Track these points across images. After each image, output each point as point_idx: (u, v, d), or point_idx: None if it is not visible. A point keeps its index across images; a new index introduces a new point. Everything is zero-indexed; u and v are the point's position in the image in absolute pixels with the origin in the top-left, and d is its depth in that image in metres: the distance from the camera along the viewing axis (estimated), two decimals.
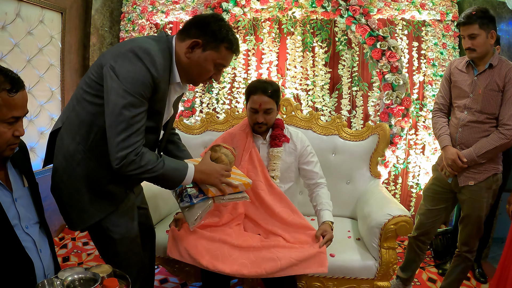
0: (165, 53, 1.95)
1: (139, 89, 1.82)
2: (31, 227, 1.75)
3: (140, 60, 1.82)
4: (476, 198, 2.82)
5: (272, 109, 2.71)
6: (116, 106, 1.80)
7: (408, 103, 3.98)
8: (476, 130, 2.77)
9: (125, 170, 1.87)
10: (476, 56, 2.73)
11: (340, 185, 3.42)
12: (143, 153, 1.88)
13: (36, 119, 3.94)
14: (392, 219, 2.59)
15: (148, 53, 1.84)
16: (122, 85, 1.80)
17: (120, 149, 1.82)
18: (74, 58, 4.50)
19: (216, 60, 1.99)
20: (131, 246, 2.19)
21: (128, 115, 1.81)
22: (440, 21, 4.30)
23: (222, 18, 2.04)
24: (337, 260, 2.67)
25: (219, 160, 2.24)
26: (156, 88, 1.90)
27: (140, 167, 1.88)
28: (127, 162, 1.84)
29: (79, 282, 1.62)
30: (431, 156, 4.35)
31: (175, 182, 2.04)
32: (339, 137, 3.42)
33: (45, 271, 1.77)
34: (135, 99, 1.82)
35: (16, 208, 1.70)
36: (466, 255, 2.94)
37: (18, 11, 3.63)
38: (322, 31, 4.35)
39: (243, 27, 4.46)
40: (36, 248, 1.74)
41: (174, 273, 2.96)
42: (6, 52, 3.55)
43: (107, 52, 1.97)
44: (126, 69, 1.82)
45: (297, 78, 4.48)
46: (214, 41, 1.95)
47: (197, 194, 2.17)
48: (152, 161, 1.91)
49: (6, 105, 1.56)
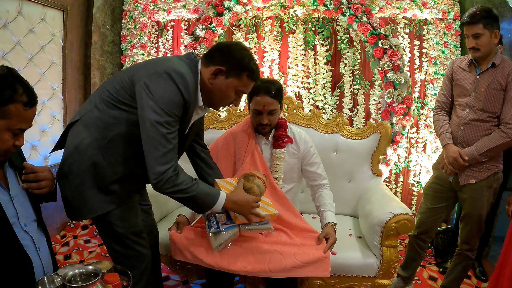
0: (195, 77, 2.04)
1: (174, 109, 1.91)
2: (29, 225, 1.76)
3: (175, 82, 1.91)
4: (477, 197, 2.83)
5: (276, 110, 2.69)
6: (153, 123, 1.88)
7: (409, 102, 3.98)
8: (478, 129, 2.77)
9: (161, 186, 1.95)
10: (480, 55, 2.73)
11: (342, 183, 3.42)
12: (179, 172, 1.98)
13: (37, 117, 3.93)
14: (394, 217, 2.60)
15: (183, 77, 1.93)
16: (158, 104, 1.88)
17: (160, 164, 1.91)
18: (75, 56, 4.50)
19: (238, 88, 2.09)
20: (135, 240, 2.23)
21: (165, 132, 1.90)
22: (442, 20, 4.29)
23: (245, 47, 2.13)
24: (339, 258, 2.68)
25: (251, 191, 2.33)
26: (186, 110, 2.00)
27: (175, 185, 1.96)
28: (165, 177, 1.92)
29: (80, 277, 1.63)
30: (432, 155, 4.35)
31: (206, 206, 2.12)
32: (340, 136, 3.42)
33: (44, 269, 1.78)
34: (170, 118, 1.91)
35: (14, 206, 1.71)
36: (467, 254, 2.95)
37: (20, 9, 3.63)
38: (324, 30, 4.34)
39: (244, 25, 4.46)
40: (35, 246, 1.75)
41: (175, 271, 2.96)
42: (8, 50, 3.55)
43: (140, 67, 2.05)
44: (162, 89, 1.90)
45: (299, 76, 4.47)
46: (237, 69, 2.05)
47: (224, 222, 2.28)
48: (187, 182, 2.00)
49: (18, 117, 1.60)
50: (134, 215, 2.25)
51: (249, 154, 2.74)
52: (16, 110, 1.58)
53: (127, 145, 2.06)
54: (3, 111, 1.56)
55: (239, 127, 2.88)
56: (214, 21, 4.17)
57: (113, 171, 2.07)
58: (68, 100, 4.39)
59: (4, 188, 1.70)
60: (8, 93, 1.55)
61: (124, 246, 2.20)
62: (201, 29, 4.20)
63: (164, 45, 4.73)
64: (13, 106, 1.57)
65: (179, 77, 1.92)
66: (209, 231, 2.26)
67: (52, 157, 4.15)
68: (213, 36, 4.22)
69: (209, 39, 4.21)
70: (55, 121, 4.21)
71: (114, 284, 1.63)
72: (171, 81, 1.90)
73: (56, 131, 4.23)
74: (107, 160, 2.05)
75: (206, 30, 4.20)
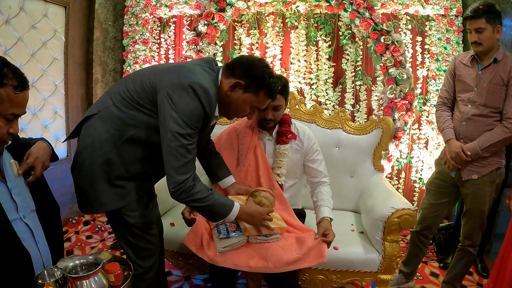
0: (215, 88, 2.09)
1: (195, 122, 1.97)
2: (28, 216, 1.76)
3: (199, 97, 1.95)
4: (479, 192, 2.83)
5: (281, 106, 2.68)
6: (175, 134, 1.93)
7: (411, 98, 3.98)
8: (480, 124, 2.77)
9: (179, 195, 2.01)
10: (482, 50, 2.73)
11: (344, 179, 3.41)
12: (197, 181, 2.04)
13: (40, 112, 3.95)
14: (396, 212, 2.59)
15: (207, 92, 1.97)
16: (180, 117, 1.93)
17: (180, 174, 1.96)
18: (77, 52, 4.51)
19: (253, 103, 2.14)
20: (146, 231, 2.27)
21: (186, 143, 1.95)
22: (444, 16, 4.29)
23: (267, 65, 2.15)
24: (341, 253, 2.68)
25: (261, 204, 2.40)
26: (206, 123, 2.07)
27: (192, 194, 2.01)
28: (183, 187, 1.98)
29: (81, 267, 1.64)
30: (434, 151, 4.35)
31: (219, 216, 2.19)
32: (342, 131, 3.41)
33: (43, 261, 1.78)
34: (192, 130, 1.96)
35: (13, 198, 1.71)
36: (468, 249, 2.95)
37: (22, 5, 3.64)
38: (326, 25, 4.34)
39: (246, 21, 4.46)
40: (34, 239, 1.76)
41: (177, 266, 2.96)
42: (10, 46, 3.55)
43: (163, 74, 2.06)
44: (185, 102, 1.94)
45: (301, 72, 4.48)
46: (255, 86, 2.09)
47: (234, 229, 2.37)
48: (203, 192, 2.05)
49: (9, 101, 1.58)
50: (144, 206, 2.29)
51: (251, 150, 2.73)
52: (7, 95, 1.57)
53: (144, 147, 2.09)
54: None
55: (243, 122, 2.87)
56: (216, 17, 4.17)
57: (126, 169, 2.11)
58: (70, 96, 4.40)
59: (1, 181, 1.70)
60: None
61: (134, 236, 2.24)
62: (203, 25, 4.20)
63: (166, 41, 4.74)
64: (3, 90, 1.55)
65: (203, 92, 1.95)
66: (218, 236, 2.35)
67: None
68: (215, 32, 4.22)
69: (211, 34, 4.21)
70: (57, 116, 4.22)
71: (115, 274, 1.65)
72: (195, 96, 1.94)
73: (58, 126, 4.24)
74: (121, 158, 2.09)
75: (208, 26, 4.20)
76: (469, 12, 2.72)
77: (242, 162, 2.74)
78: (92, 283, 1.55)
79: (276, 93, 2.18)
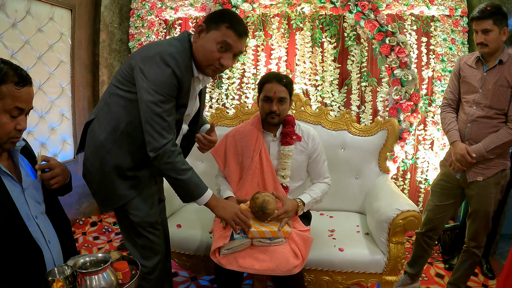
0: (187, 52, 2.12)
1: (166, 89, 2.01)
2: (39, 218, 1.80)
3: (166, 64, 1.99)
4: (484, 194, 2.83)
5: (286, 99, 2.70)
6: (148, 103, 2.00)
7: (417, 99, 3.98)
8: (485, 126, 2.77)
9: (160, 160, 2.05)
10: (487, 51, 2.73)
11: (349, 180, 3.43)
12: (177, 150, 2.09)
13: (47, 115, 3.98)
14: (401, 214, 2.60)
15: (174, 57, 2.01)
16: (151, 86, 1.99)
17: (158, 139, 2.03)
18: (84, 54, 4.53)
19: (218, 39, 2.06)
20: (150, 230, 2.31)
21: (160, 111, 2.00)
22: (449, 17, 4.29)
23: (230, 10, 2.19)
24: (346, 254, 2.70)
25: (265, 202, 2.46)
26: (181, 87, 2.08)
27: (173, 162, 2.07)
28: (163, 151, 2.03)
29: (90, 263, 1.66)
30: (440, 152, 4.35)
31: (191, 196, 2.21)
32: (348, 132, 3.42)
33: (54, 261, 1.81)
34: (163, 97, 2.00)
35: (26, 199, 1.75)
36: (474, 251, 2.95)
37: (28, 9, 3.67)
38: (331, 27, 4.35)
39: (252, 23, 4.47)
40: (45, 239, 1.78)
41: (184, 267, 2.99)
42: (17, 49, 3.58)
43: (136, 53, 2.15)
44: (155, 72, 1.99)
45: (306, 73, 4.48)
46: (216, 22, 2.08)
47: (238, 232, 2.41)
48: (184, 163, 2.12)
49: (10, 96, 1.62)
50: (150, 206, 2.32)
51: (257, 153, 2.74)
52: (8, 90, 1.60)
53: (139, 133, 2.12)
54: None
55: (247, 124, 2.87)
56: None
57: (132, 159, 2.17)
58: (77, 98, 4.42)
59: (16, 181, 1.74)
60: None
61: (138, 235, 2.28)
62: None
63: None
64: (4, 87, 1.59)
65: (171, 58, 2.00)
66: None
67: (61, 155, 4.19)
68: None
69: None
70: (64, 119, 4.25)
71: (123, 272, 1.68)
72: (163, 63, 1.99)
73: (65, 129, 4.27)
74: (124, 151, 2.15)
75: None
76: (476, 13, 2.71)
77: (248, 165, 2.75)
78: (100, 279, 1.57)
79: (241, 26, 2.11)
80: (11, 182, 1.70)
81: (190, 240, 2.92)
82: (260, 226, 2.44)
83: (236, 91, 4.61)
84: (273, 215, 2.49)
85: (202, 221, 3.09)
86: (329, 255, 2.72)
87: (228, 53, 2.10)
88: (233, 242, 2.38)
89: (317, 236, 2.80)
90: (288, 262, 2.34)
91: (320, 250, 2.73)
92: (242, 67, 4.57)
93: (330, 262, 2.72)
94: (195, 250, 2.91)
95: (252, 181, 2.73)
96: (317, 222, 3.03)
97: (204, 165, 3.59)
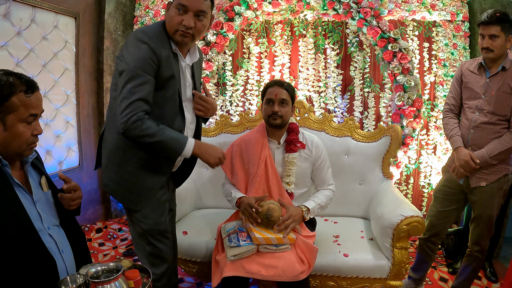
0: (159, 27, 2.19)
1: (144, 66, 2.06)
2: (52, 229, 1.81)
3: (141, 41, 2.07)
4: (487, 199, 2.84)
5: (288, 102, 2.75)
6: (119, 82, 2.08)
7: (419, 104, 4.00)
8: (488, 132, 2.79)
9: (129, 134, 2.08)
10: (492, 57, 2.75)
11: (353, 186, 3.45)
12: (144, 118, 2.07)
13: (52, 122, 4.01)
14: (405, 220, 2.63)
15: (145, 32, 2.11)
16: (128, 65, 2.06)
17: (124, 115, 2.04)
18: (88, 62, 4.57)
19: (175, 4, 2.13)
20: (159, 238, 2.35)
21: (129, 86, 2.05)
22: (451, 22, 4.32)
23: None
24: (351, 259, 2.73)
25: (270, 210, 2.51)
26: (159, 60, 2.12)
27: (141, 130, 2.06)
28: (129, 123, 2.04)
29: (102, 272, 1.68)
30: (443, 156, 4.37)
31: (175, 151, 2.20)
32: (351, 139, 3.45)
33: (68, 270, 1.82)
34: (133, 73, 2.05)
35: (37, 210, 1.76)
36: (477, 255, 2.96)
37: (33, 17, 3.70)
38: (334, 33, 4.38)
39: (255, 30, 4.50)
40: (58, 249, 1.80)
41: (190, 273, 3.01)
42: (22, 57, 3.61)
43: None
44: (131, 51, 2.08)
45: (310, 80, 4.51)
46: None
47: (244, 239, 2.48)
48: (153, 127, 2.10)
49: (23, 105, 1.66)
50: (160, 214, 2.35)
51: (263, 161, 2.77)
52: (19, 100, 1.64)
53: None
54: (8, 105, 1.62)
55: (253, 133, 2.92)
56: (225, 26, 4.21)
57: (145, 151, 2.20)
58: (82, 105, 4.45)
59: (27, 192, 1.76)
60: (6, 88, 1.61)
61: (148, 242, 2.33)
62: (212, 34, 4.24)
63: None
64: (15, 98, 1.63)
65: (143, 34, 2.09)
66: (229, 244, 2.45)
67: (66, 162, 4.22)
68: (224, 41, 4.26)
69: (220, 44, 4.25)
70: (69, 126, 4.28)
71: (135, 280, 1.69)
72: (137, 41, 2.07)
73: (70, 136, 4.29)
74: (134, 145, 2.18)
75: (217, 35, 4.24)
76: (485, 18, 2.72)
77: (254, 173, 2.78)
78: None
79: None
80: (22, 193, 1.73)
81: (196, 247, 2.94)
82: (266, 232, 2.46)
83: (240, 98, 4.63)
84: (278, 222, 2.52)
85: (208, 227, 3.12)
86: (334, 260, 2.74)
87: (188, 14, 2.14)
88: (239, 249, 2.40)
89: (322, 242, 2.83)
90: (294, 268, 2.36)
91: (325, 256, 2.74)
92: (245, 74, 4.60)
93: (335, 267, 2.74)
94: (201, 256, 2.93)
95: (258, 188, 2.75)
96: (322, 227, 3.05)
97: (209, 172, 3.61)
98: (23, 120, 1.67)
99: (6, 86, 1.61)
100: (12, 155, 1.72)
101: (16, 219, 1.64)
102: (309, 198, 2.79)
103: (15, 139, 1.67)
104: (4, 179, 1.67)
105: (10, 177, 1.69)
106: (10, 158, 1.72)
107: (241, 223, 2.62)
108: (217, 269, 2.52)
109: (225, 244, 2.50)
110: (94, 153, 4.64)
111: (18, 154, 1.73)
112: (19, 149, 1.70)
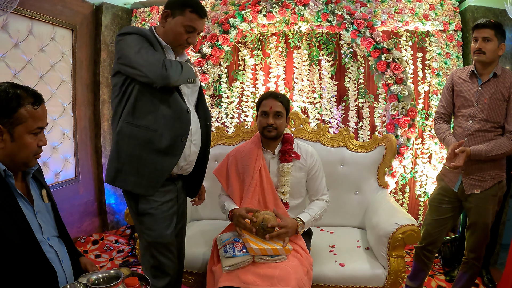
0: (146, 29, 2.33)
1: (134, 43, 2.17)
2: (52, 239, 1.83)
3: (128, 33, 2.20)
4: (482, 206, 2.86)
5: (282, 114, 2.78)
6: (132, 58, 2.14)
7: (413, 114, 4.02)
8: (482, 139, 2.81)
9: (168, 80, 2.16)
10: (483, 60, 2.78)
11: (349, 196, 3.46)
12: (166, 62, 2.17)
13: (48, 134, 4.02)
14: (400, 228, 2.64)
15: (132, 27, 2.26)
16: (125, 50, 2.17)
17: (152, 71, 2.12)
18: (85, 73, 4.60)
19: (184, 23, 2.29)
20: (162, 251, 2.36)
21: (144, 52, 2.15)
22: (444, 31, 4.36)
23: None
24: (347, 269, 2.73)
25: (265, 220, 2.52)
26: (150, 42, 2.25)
27: (171, 70, 2.16)
28: (162, 77, 2.14)
29: (103, 279, 1.70)
30: (438, 165, 4.39)
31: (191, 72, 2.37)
32: (346, 149, 3.47)
33: (67, 280, 1.84)
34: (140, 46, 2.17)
35: (38, 221, 1.78)
36: (473, 262, 2.97)
37: (30, 29, 3.74)
38: (328, 45, 4.42)
39: (250, 42, 4.54)
40: (59, 259, 1.82)
41: (187, 284, 3.01)
42: (19, 69, 3.64)
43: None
44: (122, 47, 2.18)
45: (304, 91, 4.54)
46: (179, 8, 2.29)
47: (240, 249, 2.48)
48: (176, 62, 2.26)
49: (31, 117, 1.68)
50: (165, 227, 2.36)
51: (257, 171, 2.79)
52: (27, 112, 1.67)
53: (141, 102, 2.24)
54: (17, 117, 1.65)
55: (248, 143, 2.95)
56: (220, 39, 4.24)
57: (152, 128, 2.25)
58: (78, 117, 4.47)
59: (29, 203, 1.78)
60: (14, 101, 1.64)
61: (151, 255, 2.35)
62: (207, 47, 4.27)
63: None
64: (23, 110, 1.66)
65: (128, 29, 2.23)
66: (224, 255, 2.45)
67: (63, 174, 4.23)
68: (219, 53, 4.30)
69: (215, 56, 4.28)
70: (66, 138, 4.29)
71: (134, 287, 1.70)
72: (125, 36, 2.19)
73: (67, 147, 4.31)
74: (141, 124, 2.24)
75: (212, 48, 4.27)
76: (480, 21, 2.79)
77: (249, 183, 2.80)
78: None
79: (201, 9, 2.32)
80: (24, 204, 1.74)
81: (193, 258, 2.94)
82: (261, 243, 2.47)
83: (236, 109, 4.66)
84: (272, 233, 2.53)
85: (205, 239, 3.13)
86: (331, 270, 2.75)
87: (194, 33, 2.34)
88: (235, 259, 2.40)
89: (318, 252, 2.85)
90: (290, 279, 2.37)
91: (322, 266, 2.76)
92: (241, 86, 4.63)
93: (332, 277, 2.74)
94: (197, 268, 2.94)
95: (253, 198, 2.77)
96: (318, 238, 3.06)
97: (207, 184, 3.59)
98: (31, 131, 1.70)
99: (14, 98, 1.64)
100: (19, 165, 1.74)
101: (19, 228, 1.66)
102: (304, 210, 2.79)
103: (22, 150, 1.70)
104: (7, 190, 1.68)
105: (14, 188, 1.71)
106: (15, 169, 1.75)
107: (237, 233, 2.63)
108: (212, 279, 2.53)
109: (220, 255, 2.51)
110: (91, 165, 4.67)
111: (24, 164, 1.75)
112: (26, 159, 1.73)
